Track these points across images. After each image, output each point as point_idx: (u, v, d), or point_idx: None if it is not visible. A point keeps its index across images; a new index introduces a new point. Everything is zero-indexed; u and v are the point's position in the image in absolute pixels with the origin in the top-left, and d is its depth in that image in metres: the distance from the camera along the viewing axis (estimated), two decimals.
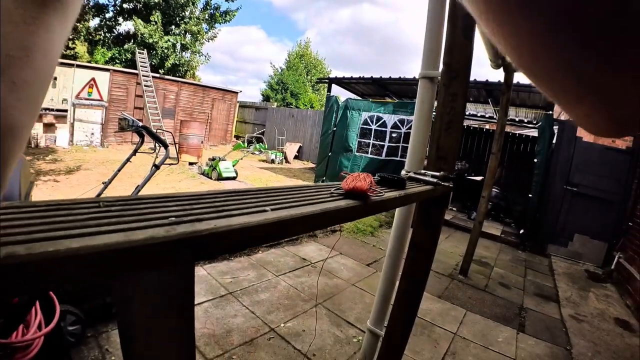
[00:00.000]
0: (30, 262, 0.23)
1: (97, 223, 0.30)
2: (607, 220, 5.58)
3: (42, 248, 0.24)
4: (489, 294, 3.91)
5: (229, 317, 2.64)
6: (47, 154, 8.68)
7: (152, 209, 0.35)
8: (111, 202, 0.35)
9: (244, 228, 0.34)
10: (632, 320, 3.72)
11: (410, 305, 1.37)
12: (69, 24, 0.20)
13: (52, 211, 0.32)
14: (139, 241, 0.27)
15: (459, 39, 1.26)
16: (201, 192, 0.43)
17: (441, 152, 1.29)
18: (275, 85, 25.62)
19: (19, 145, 0.19)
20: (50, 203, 0.34)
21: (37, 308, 1.03)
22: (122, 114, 2.51)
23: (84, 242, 0.25)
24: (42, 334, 0.98)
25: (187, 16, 15.35)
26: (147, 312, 0.33)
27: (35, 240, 0.25)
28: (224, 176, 7.85)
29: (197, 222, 0.32)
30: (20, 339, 0.92)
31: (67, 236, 0.26)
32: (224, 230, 0.32)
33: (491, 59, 3.94)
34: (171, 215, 0.33)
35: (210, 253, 0.32)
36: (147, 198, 0.38)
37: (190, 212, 0.35)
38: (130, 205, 0.35)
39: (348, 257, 4.38)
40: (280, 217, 0.38)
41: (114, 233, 0.28)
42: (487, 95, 8.51)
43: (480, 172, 8.65)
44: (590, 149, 5.85)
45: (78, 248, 0.25)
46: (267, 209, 0.40)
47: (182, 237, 0.29)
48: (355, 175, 0.62)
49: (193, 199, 0.40)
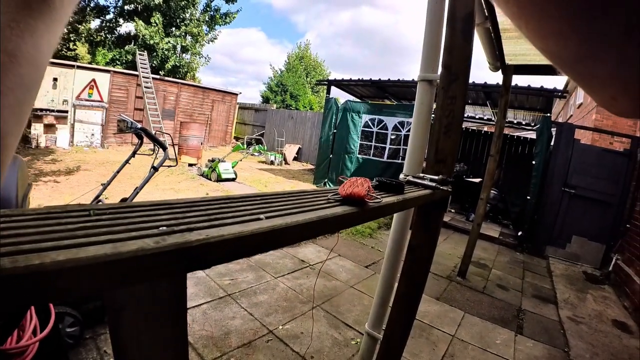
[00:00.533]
0: (16, 276, 0.22)
1: (86, 233, 0.29)
2: (605, 222, 5.59)
3: (27, 261, 0.23)
4: (487, 296, 3.91)
5: (227, 319, 2.63)
6: (47, 155, 8.66)
7: (143, 218, 0.34)
8: (102, 211, 0.35)
9: (237, 238, 0.33)
10: (630, 321, 3.72)
11: (409, 308, 1.36)
12: (58, 29, 0.20)
13: (42, 220, 0.32)
14: (128, 253, 0.26)
15: (458, 41, 1.26)
16: (195, 199, 0.42)
17: (440, 155, 1.28)
18: (275, 87, 25.64)
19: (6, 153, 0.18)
20: (39, 211, 0.33)
21: (32, 312, 1.02)
22: (121, 115, 2.50)
23: (70, 255, 0.25)
24: (37, 340, 0.97)
25: (188, 18, 15.35)
26: (138, 322, 0.33)
27: (22, 252, 0.24)
28: (223, 177, 7.84)
29: (187, 232, 0.31)
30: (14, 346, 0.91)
31: (54, 247, 0.25)
32: (216, 240, 0.31)
33: (490, 61, 3.95)
34: (162, 224, 0.32)
35: (202, 264, 0.31)
36: (139, 206, 0.37)
37: (182, 222, 0.34)
38: (121, 214, 0.35)
39: (346, 258, 4.38)
40: (274, 225, 0.38)
41: (102, 244, 0.27)
42: (485, 98, 8.53)
43: (478, 174, 8.66)
44: (588, 151, 5.87)
45: (64, 261, 0.24)
46: (262, 217, 0.39)
47: (173, 249, 0.28)
48: (352, 180, 0.62)
49: (186, 207, 0.39)
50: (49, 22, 0.18)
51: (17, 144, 0.19)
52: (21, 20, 0.16)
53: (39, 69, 0.19)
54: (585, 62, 0.19)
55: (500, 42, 3.41)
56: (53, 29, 0.19)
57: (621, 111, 0.21)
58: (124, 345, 0.35)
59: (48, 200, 4.99)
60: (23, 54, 0.17)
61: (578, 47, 0.18)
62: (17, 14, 0.16)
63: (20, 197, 1.13)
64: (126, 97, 12.03)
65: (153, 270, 0.28)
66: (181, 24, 15.25)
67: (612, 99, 0.20)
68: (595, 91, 0.21)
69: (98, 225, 0.31)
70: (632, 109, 0.20)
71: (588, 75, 0.20)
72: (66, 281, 0.24)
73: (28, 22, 0.17)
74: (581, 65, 0.19)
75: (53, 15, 0.18)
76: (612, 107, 0.21)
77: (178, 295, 0.32)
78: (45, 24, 0.18)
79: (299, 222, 0.41)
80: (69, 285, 0.25)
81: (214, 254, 0.31)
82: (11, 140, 0.18)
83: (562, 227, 5.93)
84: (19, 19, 0.16)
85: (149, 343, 0.34)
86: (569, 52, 0.18)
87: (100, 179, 6.09)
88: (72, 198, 4.92)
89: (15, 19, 0.16)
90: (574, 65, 0.19)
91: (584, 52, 0.18)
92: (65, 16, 0.20)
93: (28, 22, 0.17)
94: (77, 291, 0.26)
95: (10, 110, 0.17)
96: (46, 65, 0.20)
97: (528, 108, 8.80)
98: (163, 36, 14.48)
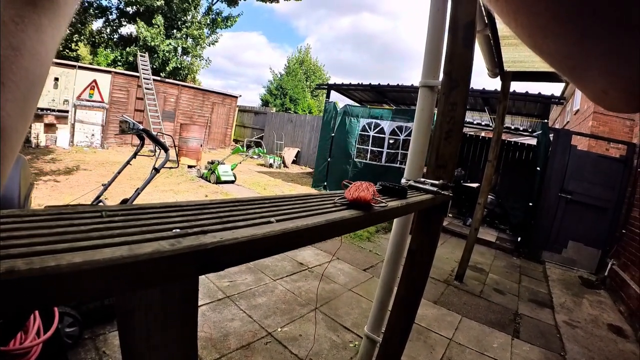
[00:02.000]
0: (31, 278, 0.22)
1: (100, 235, 0.29)
2: (601, 227, 5.62)
3: (43, 263, 0.23)
4: (484, 300, 3.91)
5: (226, 320, 2.62)
6: (47, 154, 8.63)
7: (156, 220, 0.34)
8: (114, 212, 0.35)
9: (250, 241, 0.33)
10: (625, 326, 3.73)
11: (408, 312, 1.36)
12: (62, 25, 0.20)
13: (53, 221, 0.31)
14: (144, 255, 0.26)
15: (459, 49, 1.27)
16: (205, 202, 0.42)
17: (440, 160, 1.29)
18: (275, 90, 25.70)
19: (9, 148, 0.18)
20: (51, 212, 0.33)
21: (35, 314, 1.02)
22: (123, 116, 2.50)
23: (86, 257, 0.24)
24: (40, 341, 0.97)
25: (189, 20, 15.36)
26: (149, 324, 0.33)
27: (36, 253, 0.24)
28: (223, 180, 7.83)
29: (202, 234, 0.32)
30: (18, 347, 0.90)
31: (70, 249, 0.25)
32: (230, 243, 0.31)
33: (489, 68, 3.98)
34: (175, 226, 0.33)
35: (215, 266, 0.31)
36: (150, 207, 0.37)
37: (195, 224, 0.34)
38: (133, 215, 0.35)
39: (345, 262, 4.37)
40: (286, 229, 0.38)
41: (117, 246, 0.27)
42: (483, 103, 8.57)
43: (476, 179, 8.69)
44: (584, 157, 5.91)
45: (81, 263, 0.24)
46: (272, 220, 0.40)
47: (188, 251, 0.28)
48: (358, 185, 0.62)
49: (197, 209, 0.39)
50: (53, 18, 0.18)
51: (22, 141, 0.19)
52: (26, 16, 0.17)
53: (44, 64, 0.19)
54: (575, 57, 0.19)
55: (499, 48, 3.44)
56: (57, 26, 0.19)
57: (612, 105, 0.21)
58: (133, 346, 0.35)
59: (48, 199, 4.96)
60: (27, 48, 0.17)
61: (567, 42, 0.18)
62: (22, 9, 0.16)
63: (22, 196, 1.12)
64: (127, 98, 12.02)
65: (168, 273, 0.28)
66: (182, 26, 15.25)
67: (603, 92, 0.20)
68: (586, 86, 0.21)
69: (111, 227, 0.31)
70: (623, 103, 0.20)
71: (578, 70, 0.20)
72: (82, 283, 0.24)
73: (33, 18, 0.17)
74: (571, 60, 0.19)
75: (57, 12, 0.19)
76: (604, 101, 0.21)
77: (190, 297, 0.32)
78: (50, 20, 0.18)
79: (308, 225, 0.41)
80: (85, 287, 0.24)
81: (228, 257, 0.32)
82: (16, 137, 0.18)
83: (558, 232, 5.95)
84: (24, 14, 0.17)
85: (159, 344, 0.34)
86: (558, 48, 0.19)
87: (100, 179, 6.07)
88: (72, 198, 4.89)
89: (20, 14, 0.16)
90: (564, 60, 0.20)
91: (573, 48, 0.18)
92: (69, 13, 0.20)
93: (33, 17, 0.17)
94: (92, 293, 0.26)
95: (16, 104, 0.17)
96: (51, 61, 0.20)
97: (525, 114, 8.84)
98: (164, 38, 14.48)
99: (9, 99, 0.16)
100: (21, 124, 0.18)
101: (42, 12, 0.18)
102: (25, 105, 0.18)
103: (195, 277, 0.30)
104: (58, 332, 1.22)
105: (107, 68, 12.13)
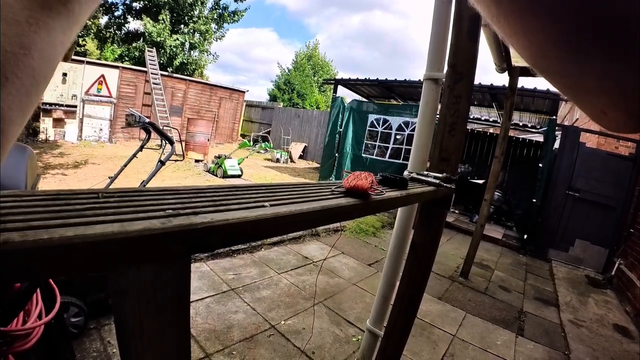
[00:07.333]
0: (25, 249, 0.23)
1: (94, 213, 0.30)
2: (608, 226, 5.55)
3: (37, 236, 0.24)
4: (489, 297, 3.90)
5: (230, 313, 2.65)
6: (55, 148, 8.75)
7: (151, 202, 0.35)
8: (110, 194, 0.35)
9: (241, 223, 0.34)
10: (631, 326, 3.69)
11: (410, 307, 1.36)
12: (73, 31, 0.21)
13: (50, 200, 0.32)
14: (135, 232, 0.27)
15: (464, 41, 1.26)
16: (201, 186, 0.43)
17: (444, 153, 1.28)
18: (283, 85, 25.69)
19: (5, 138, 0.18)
20: (48, 193, 0.34)
21: (37, 297, 1.04)
22: (129, 110, 2.53)
23: (78, 231, 0.25)
24: (42, 323, 0.99)
25: (196, 15, 15.40)
26: (141, 306, 0.33)
27: (31, 227, 0.25)
28: (229, 174, 7.89)
29: (193, 215, 0.32)
30: (19, 327, 0.93)
31: (63, 225, 0.26)
32: (220, 224, 0.32)
33: (496, 62, 3.93)
34: (169, 208, 0.33)
35: (205, 247, 0.31)
36: (146, 191, 0.38)
37: (188, 206, 0.35)
38: (129, 197, 0.35)
39: (350, 256, 4.38)
40: (278, 212, 0.38)
41: (109, 223, 0.28)
42: (491, 99, 8.48)
43: (482, 176, 8.61)
44: (593, 155, 5.81)
45: (72, 237, 0.25)
46: (266, 205, 0.40)
47: (178, 230, 0.29)
48: (357, 174, 0.62)
49: (192, 193, 0.40)
50: (65, 24, 0.19)
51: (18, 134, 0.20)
52: (40, 19, 0.17)
53: (50, 65, 0.20)
54: (573, 78, 0.19)
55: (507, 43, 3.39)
56: (68, 31, 0.20)
57: (611, 125, 0.21)
58: (127, 328, 0.35)
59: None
60: (37, 49, 0.18)
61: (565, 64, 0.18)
62: (37, 12, 0.17)
63: (29, 187, 1.14)
64: (134, 93, 12.10)
65: (158, 251, 0.28)
66: (189, 21, 15.30)
67: (602, 113, 0.20)
68: (585, 106, 0.21)
69: (106, 207, 0.32)
70: (622, 124, 0.21)
71: (577, 91, 0.20)
72: (74, 257, 0.25)
73: (46, 22, 0.18)
74: (570, 80, 0.19)
75: (70, 19, 0.20)
76: (602, 121, 0.21)
77: (181, 278, 0.33)
78: (62, 25, 0.19)
79: (302, 210, 0.41)
80: (77, 261, 0.25)
81: (218, 237, 0.32)
82: (14, 129, 0.19)
83: (565, 230, 5.89)
84: (38, 17, 0.17)
85: (152, 327, 0.34)
86: (557, 68, 0.19)
87: (107, 173, 6.13)
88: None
89: (35, 16, 0.17)
90: (563, 80, 0.20)
91: (571, 69, 0.18)
92: (81, 22, 0.21)
93: (46, 21, 0.18)
94: (84, 268, 0.26)
95: (18, 99, 0.18)
96: (57, 63, 0.21)
97: (534, 110, 8.73)
98: (170, 33, 14.53)
99: (12, 92, 0.17)
100: (20, 118, 0.19)
101: (56, 18, 0.18)
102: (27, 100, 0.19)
103: (186, 258, 0.31)
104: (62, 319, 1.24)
105: (114, 63, 12.22)
